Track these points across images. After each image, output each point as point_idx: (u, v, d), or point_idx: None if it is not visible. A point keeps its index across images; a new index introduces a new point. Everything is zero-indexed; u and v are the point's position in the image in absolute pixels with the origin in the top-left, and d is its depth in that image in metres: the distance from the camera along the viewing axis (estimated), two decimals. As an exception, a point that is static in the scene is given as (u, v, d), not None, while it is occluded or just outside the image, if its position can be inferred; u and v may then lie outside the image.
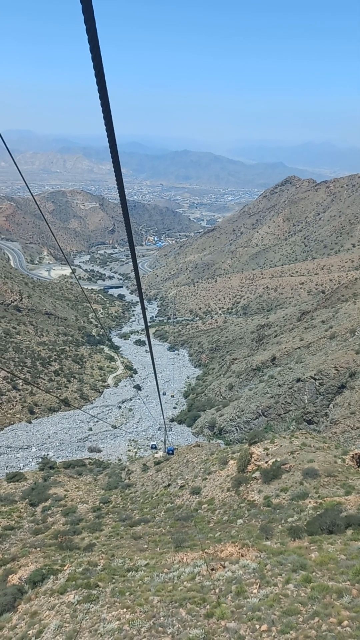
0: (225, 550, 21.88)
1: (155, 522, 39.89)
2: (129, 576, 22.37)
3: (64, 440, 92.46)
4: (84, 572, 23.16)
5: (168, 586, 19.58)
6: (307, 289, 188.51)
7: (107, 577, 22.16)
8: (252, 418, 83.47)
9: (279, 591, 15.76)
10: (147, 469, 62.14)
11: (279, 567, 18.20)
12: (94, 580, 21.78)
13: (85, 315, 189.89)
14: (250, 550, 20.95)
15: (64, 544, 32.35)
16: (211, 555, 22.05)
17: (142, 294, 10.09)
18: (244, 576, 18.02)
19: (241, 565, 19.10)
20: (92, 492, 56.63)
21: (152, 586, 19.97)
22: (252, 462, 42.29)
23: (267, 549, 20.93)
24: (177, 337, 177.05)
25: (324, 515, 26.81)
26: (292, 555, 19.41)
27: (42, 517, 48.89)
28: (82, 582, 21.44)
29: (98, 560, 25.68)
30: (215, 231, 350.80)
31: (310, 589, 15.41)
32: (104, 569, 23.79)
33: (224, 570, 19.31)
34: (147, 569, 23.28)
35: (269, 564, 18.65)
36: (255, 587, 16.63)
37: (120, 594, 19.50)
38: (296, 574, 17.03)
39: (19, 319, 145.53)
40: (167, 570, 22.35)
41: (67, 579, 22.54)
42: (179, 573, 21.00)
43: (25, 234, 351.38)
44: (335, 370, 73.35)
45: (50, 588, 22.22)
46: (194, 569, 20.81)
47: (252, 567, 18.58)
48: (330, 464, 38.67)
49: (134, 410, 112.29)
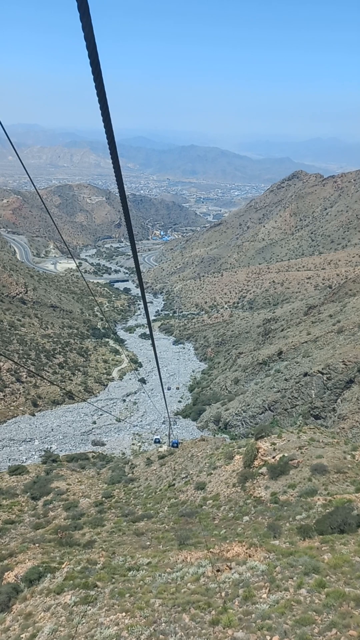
0: (232, 549, 20.66)
1: (158, 517, 38.78)
2: (130, 576, 21.22)
3: (67, 434, 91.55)
4: (82, 571, 22.02)
5: (171, 588, 18.40)
6: (314, 284, 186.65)
7: (107, 576, 21.01)
8: (258, 412, 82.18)
9: (291, 597, 14.51)
10: (151, 463, 61.07)
11: (290, 570, 16.96)
12: (92, 579, 20.63)
13: (91, 309, 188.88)
14: (258, 550, 19.72)
15: (64, 539, 31.27)
16: (217, 555, 20.84)
17: (142, 286, 9.84)
18: (252, 579, 16.80)
19: (249, 567, 17.87)
20: (95, 486, 55.63)
21: (154, 587, 18.80)
22: (259, 457, 41.04)
23: (276, 549, 19.70)
24: (183, 331, 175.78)
25: (334, 514, 25.57)
26: (303, 556, 18.16)
27: (43, 511, 47.92)
28: (80, 581, 20.29)
29: (98, 558, 24.55)
30: (222, 225, 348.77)
31: (325, 595, 14.16)
32: (104, 568, 22.64)
33: (230, 572, 18.09)
34: (149, 568, 22.13)
35: (278, 566, 17.42)
36: (265, 592, 15.40)
37: (119, 595, 18.33)
38: (308, 578, 15.79)
39: (24, 311, 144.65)
40: (170, 569, 21.18)
41: (64, 577, 21.40)
42: (183, 573, 19.81)
43: (32, 227, 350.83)
44: (343, 364, 71.88)
45: (47, 587, 21.08)
46: (198, 570, 19.62)
47: (260, 569, 17.35)
48: (340, 460, 37.38)
49: (139, 403, 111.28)
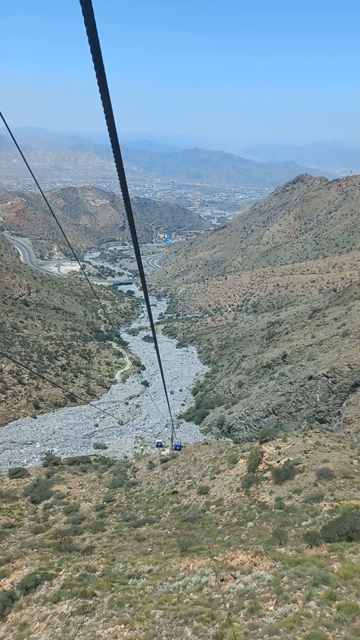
0: (236, 557, 19.80)
1: (160, 523, 37.90)
2: (130, 584, 20.36)
3: (69, 436, 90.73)
4: (80, 578, 21.18)
5: (172, 598, 17.55)
6: (319, 287, 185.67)
7: (106, 584, 20.17)
8: (262, 416, 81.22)
9: (300, 610, 13.65)
10: (154, 466, 60.20)
11: (298, 580, 16.10)
12: (91, 588, 19.79)
13: (94, 311, 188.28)
14: (264, 558, 18.87)
15: (63, 545, 30.42)
16: (220, 563, 19.99)
17: (146, 288, 9.93)
18: (257, 589, 15.94)
19: (254, 576, 17.01)
20: (96, 490, 54.78)
21: (155, 597, 17.95)
22: (263, 462, 40.17)
23: (282, 558, 18.83)
24: (186, 333, 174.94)
25: (342, 520, 24.68)
26: (311, 565, 17.29)
27: (43, 515, 47.10)
28: (77, 590, 19.45)
29: (97, 564, 23.70)
30: (226, 228, 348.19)
31: (337, 608, 13.30)
32: (103, 575, 21.80)
33: (235, 582, 17.23)
34: (150, 576, 21.27)
35: (285, 576, 16.56)
36: (272, 604, 14.54)
37: (118, 605, 17.49)
38: (318, 589, 14.93)
39: (27, 313, 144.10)
40: (172, 578, 20.32)
41: (62, 585, 20.57)
42: (185, 582, 18.96)
43: (36, 229, 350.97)
44: (349, 368, 70.91)
45: (44, 595, 20.25)
46: (201, 579, 18.76)
47: (266, 579, 16.50)
48: (346, 464, 36.46)
49: (142, 406, 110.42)
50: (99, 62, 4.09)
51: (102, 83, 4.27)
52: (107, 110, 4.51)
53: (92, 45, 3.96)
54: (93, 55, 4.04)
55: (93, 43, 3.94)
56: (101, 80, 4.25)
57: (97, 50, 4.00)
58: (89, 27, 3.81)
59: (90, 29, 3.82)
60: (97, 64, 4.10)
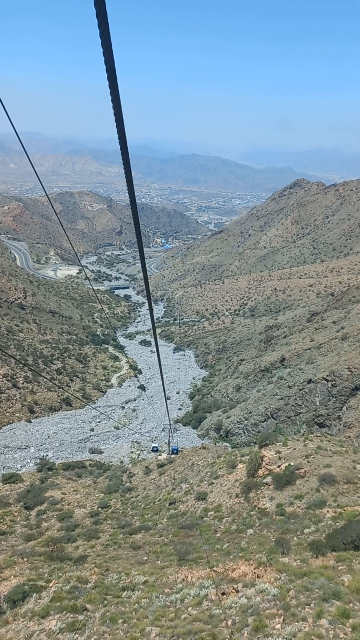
0: (238, 568, 18.50)
1: (156, 530, 36.56)
2: (124, 597, 19.05)
3: (64, 441, 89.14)
4: (71, 591, 19.86)
5: (169, 613, 16.25)
6: (316, 291, 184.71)
7: (98, 597, 18.85)
8: (260, 420, 79.92)
9: (310, 629, 12.37)
10: (150, 471, 58.81)
11: (305, 594, 14.83)
12: (82, 601, 18.47)
13: (91, 315, 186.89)
14: (268, 570, 17.59)
15: (55, 553, 29.05)
16: (221, 574, 18.68)
17: (149, 294, 10.04)
18: (262, 604, 14.66)
19: (258, 590, 15.72)
20: (91, 495, 53.36)
21: (150, 612, 16.65)
22: (263, 466, 38.90)
23: (287, 569, 17.56)
24: (183, 337, 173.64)
25: (347, 528, 23.46)
26: (319, 578, 16.04)
27: (36, 521, 45.68)
28: (68, 603, 18.14)
29: (89, 575, 22.38)
30: (223, 233, 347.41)
31: (351, 628, 12.04)
32: (96, 587, 20.49)
33: (237, 596, 15.93)
34: (146, 588, 19.96)
35: (292, 589, 15.29)
36: (278, 621, 13.26)
37: (111, 621, 16.18)
38: (328, 604, 13.67)
39: (23, 316, 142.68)
40: (169, 590, 19.01)
41: (51, 598, 19.24)
42: (183, 595, 17.65)
43: (33, 234, 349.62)
44: (348, 371, 69.77)
45: (32, 609, 18.90)
46: (200, 591, 17.45)
47: (271, 593, 15.22)
48: (349, 469, 35.26)
49: (138, 410, 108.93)
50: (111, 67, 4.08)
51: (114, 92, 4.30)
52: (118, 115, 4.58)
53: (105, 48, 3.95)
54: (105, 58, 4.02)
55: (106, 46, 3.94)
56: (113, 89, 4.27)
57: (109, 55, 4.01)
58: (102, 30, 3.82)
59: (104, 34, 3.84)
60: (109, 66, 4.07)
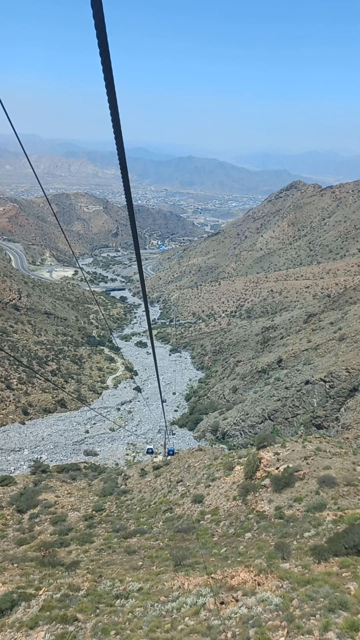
0: (237, 575, 17.57)
1: (152, 533, 35.58)
2: (117, 605, 18.09)
3: (58, 443, 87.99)
4: (62, 599, 18.86)
5: (165, 623, 15.31)
6: (313, 293, 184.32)
7: (90, 606, 17.88)
8: (257, 422, 79.05)
9: (317, 643, 11.47)
10: (145, 474, 57.83)
11: (310, 604, 13.93)
12: (73, 610, 17.49)
13: (86, 316, 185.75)
14: (269, 577, 16.67)
15: (46, 559, 28.05)
16: (219, 581, 17.75)
17: (145, 296, 10.04)
18: (264, 615, 13.74)
19: (259, 599, 14.80)
20: (85, 498, 52.31)
21: (145, 622, 15.70)
22: (261, 468, 38.00)
23: (289, 576, 16.64)
24: (179, 339, 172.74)
25: (350, 532, 22.52)
26: (323, 585, 15.13)
27: (29, 525, 44.64)
28: (58, 613, 17.14)
29: (82, 582, 21.39)
30: (220, 235, 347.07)
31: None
32: (88, 595, 19.50)
33: (236, 605, 15.01)
34: (140, 596, 19.01)
35: (295, 599, 14.37)
36: (282, 634, 12.34)
37: (103, 633, 15.21)
38: (335, 616, 12.76)
39: (17, 317, 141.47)
40: (165, 598, 18.07)
41: (40, 607, 18.22)
42: (179, 604, 16.71)
43: (28, 235, 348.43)
44: (347, 372, 69.02)
45: (20, 619, 17.89)
46: (197, 600, 16.52)
47: (274, 603, 14.30)
48: (349, 471, 34.41)
49: (134, 412, 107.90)
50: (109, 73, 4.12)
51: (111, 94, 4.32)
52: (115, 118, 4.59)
53: (102, 53, 3.99)
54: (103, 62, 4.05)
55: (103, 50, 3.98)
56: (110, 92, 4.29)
57: (107, 60, 4.03)
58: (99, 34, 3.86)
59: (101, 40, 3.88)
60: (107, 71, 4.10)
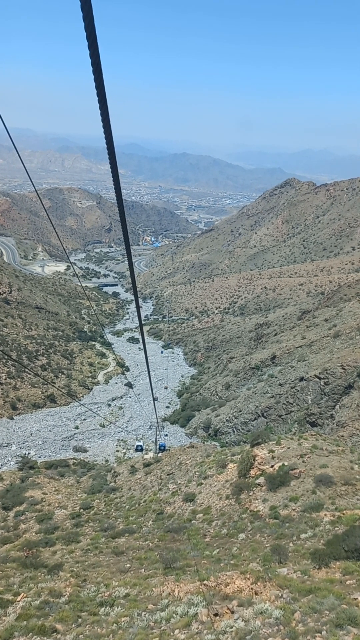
0: (232, 583, 16.14)
1: (141, 533, 34.14)
2: (102, 614, 16.62)
3: (47, 439, 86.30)
4: (41, 606, 17.38)
5: (152, 637, 13.84)
6: (307, 290, 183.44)
7: (72, 615, 16.40)
8: (250, 419, 77.78)
9: (325, 666, 10.05)
10: (136, 471, 56.39)
11: (313, 617, 12.51)
12: (52, 619, 16.01)
13: (78, 311, 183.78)
14: (267, 585, 15.25)
15: (29, 559, 26.54)
16: (212, 589, 16.30)
17: (136, 291, 9.86)
18: (263, 630, 12.29)
19: (257, 611, 13.36)
20: (73, 495, 50.81)
21: (131, 634, 14.23)
22: (256, 466, 36.62)
23: (289, 584, 15.23)
24: (172, 335, 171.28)
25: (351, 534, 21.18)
26: (328, 596, 13.72)
27: (14, 523, 43.13)
28: (35, 622, 15.65)
29: (64, 587, 19.90)
30: (213, 231, 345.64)
31: (377, 666, 9.74)
32: (70, 602, 18.03)
33: (232, 617, 13.56)
34: (127, 603, 17.55)
35: (297, 611, 12.95)
36: (284, 654, 10.93)
37: (84, 647, 13.77)
38: (343, 632, 11.34)
39: (7, 311, 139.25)
40: (153, 606, 16.64)
41: (18, 615, 16.73)
42: (169, 614, 15.26)
43: (20, 229, 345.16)
44: (342, 369, 67.83)
45: (-6, 629, 16.40)
46: (188, 610, 15.07)
47: (273, 615, 12.86)
48: (347, 470, 33.09)
49: (125, 408, 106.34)
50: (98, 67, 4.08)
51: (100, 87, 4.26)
52: (104, 112, 4.52)
53: (91, 48, 3.94)
54: (92, 58, 4.02)
55: (92, 46, 3.93)
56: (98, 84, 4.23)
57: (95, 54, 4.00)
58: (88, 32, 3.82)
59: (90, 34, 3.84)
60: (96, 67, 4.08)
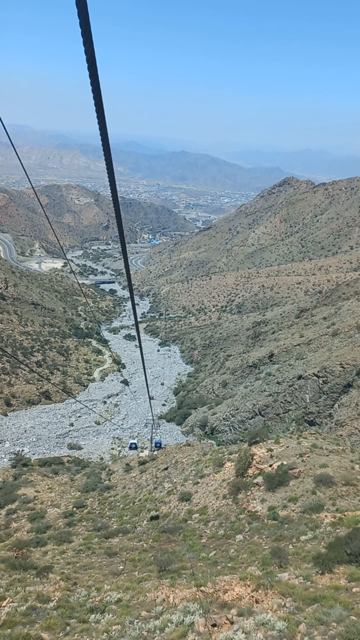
0: (231, 589, 15.14)
1: (135, 533, 33.15)
2: (91, 621, 15.58)
3: (41, 436, 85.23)
4: (28, 613, 16.32)
5: (145, 648, 12.84)
6: (304, 289, 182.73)
7: (59, 622, 15.36)
8: (247, 417, 76.85)
9: None
10: (131, 469, 55.42)
11: (320, 630, 11.52)
12: (38, 627, 14.97)
13: (74, 308, 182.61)
14: (268, 593, 14.24)
15: (18, 560, 25.48)
16: (209, 595, 15.30)
17: (131, 286, 9.85)
18: (265, 644, 11.30)
19: (258, 622, 12.36)
20: (67, 494, 49.75)
21: (122, 645, 13.23)
22: (254, 465, 35.68)
23: (293, 592, 14.24)
24: (169, 333, 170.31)
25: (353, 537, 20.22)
26: (334, 605, 12.73)
27: (5, 522, 42.05)
28: (20, 632, 14.59)
29: (53, 591, 18.87)
30: (211, 230, 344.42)
31: None
32: (58, 607, 16.98)
33: (231, 628, 12.55)
34: (119, 609, 16.52)
35: (302, 622, 11.96)
36: (290, 672, 9.92)
37: (70, 660, 12.74)
38: (354, 648, 10.36)
39: (3, 307, 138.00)
40: (146, 613, 15.63)
41: (2, 622, 15.69)
42: (163, 623, 14.23)
43: (18, 226, 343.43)
44: (341, 367, 66.95)
45: (-24, 637, 15.33)
46: (184, 618, 14.05)
47: (276, 627, 11.86)
48: (347, 470, 32.20)
49: (120, 405, 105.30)
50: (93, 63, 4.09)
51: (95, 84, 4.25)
52: (99, 109, 4.52)
53: (86, 45, 3.95)
54: (87, 56, 4.02)
55: (87, 43, 3.93)
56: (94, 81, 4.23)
57: (90, 50, 4.00)
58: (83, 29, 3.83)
59: (85, 31, 3.85)
60: (91, 64, 4.08)
